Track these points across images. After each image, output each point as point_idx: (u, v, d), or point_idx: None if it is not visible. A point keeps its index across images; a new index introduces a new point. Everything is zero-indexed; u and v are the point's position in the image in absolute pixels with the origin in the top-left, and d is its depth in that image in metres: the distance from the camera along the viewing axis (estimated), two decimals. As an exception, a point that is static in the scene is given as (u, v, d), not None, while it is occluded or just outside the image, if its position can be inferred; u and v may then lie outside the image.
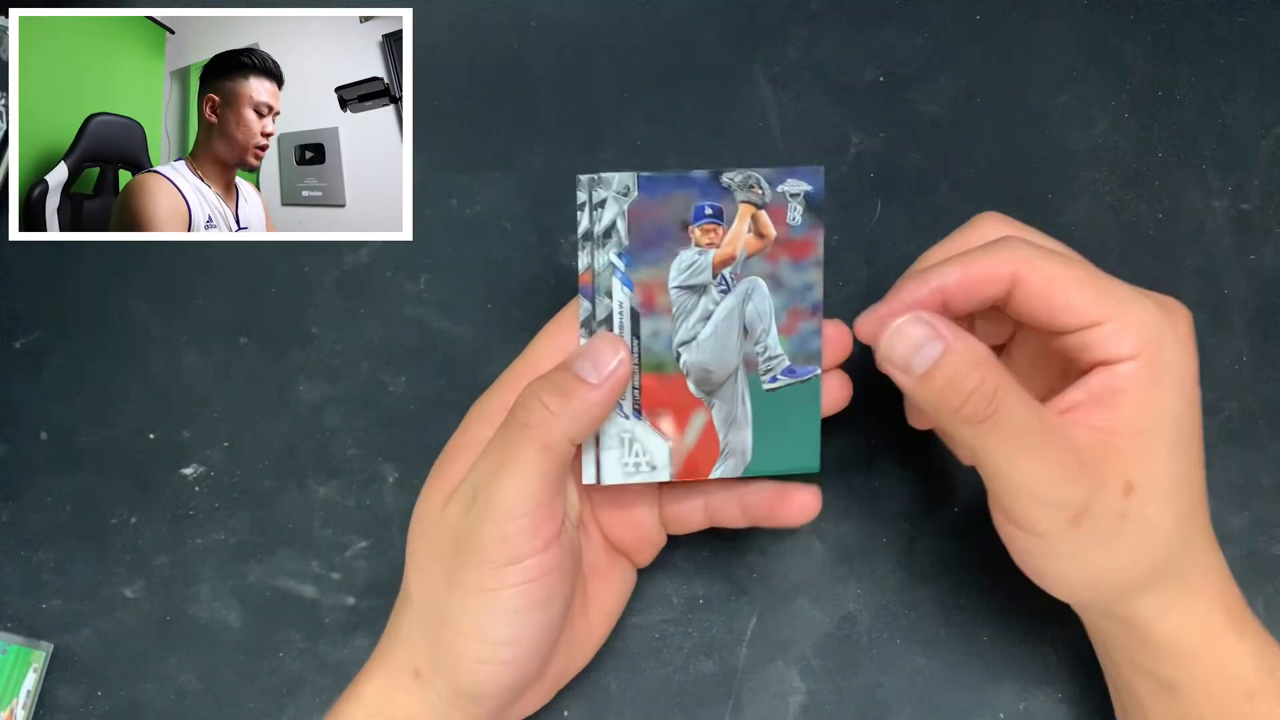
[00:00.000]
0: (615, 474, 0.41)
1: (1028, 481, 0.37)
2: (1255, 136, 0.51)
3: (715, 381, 0.41)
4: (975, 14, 0.52)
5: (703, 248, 0.40)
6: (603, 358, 0.39)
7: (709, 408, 0.41)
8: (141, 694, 0.48)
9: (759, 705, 0.48)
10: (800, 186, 0.39)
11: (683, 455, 0.41)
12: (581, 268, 0.40)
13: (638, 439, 0.41)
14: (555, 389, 0.38)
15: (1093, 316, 0.38)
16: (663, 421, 0.41)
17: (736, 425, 0.41)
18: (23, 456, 0.49)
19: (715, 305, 0.40)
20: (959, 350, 0.37)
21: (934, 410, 0.38)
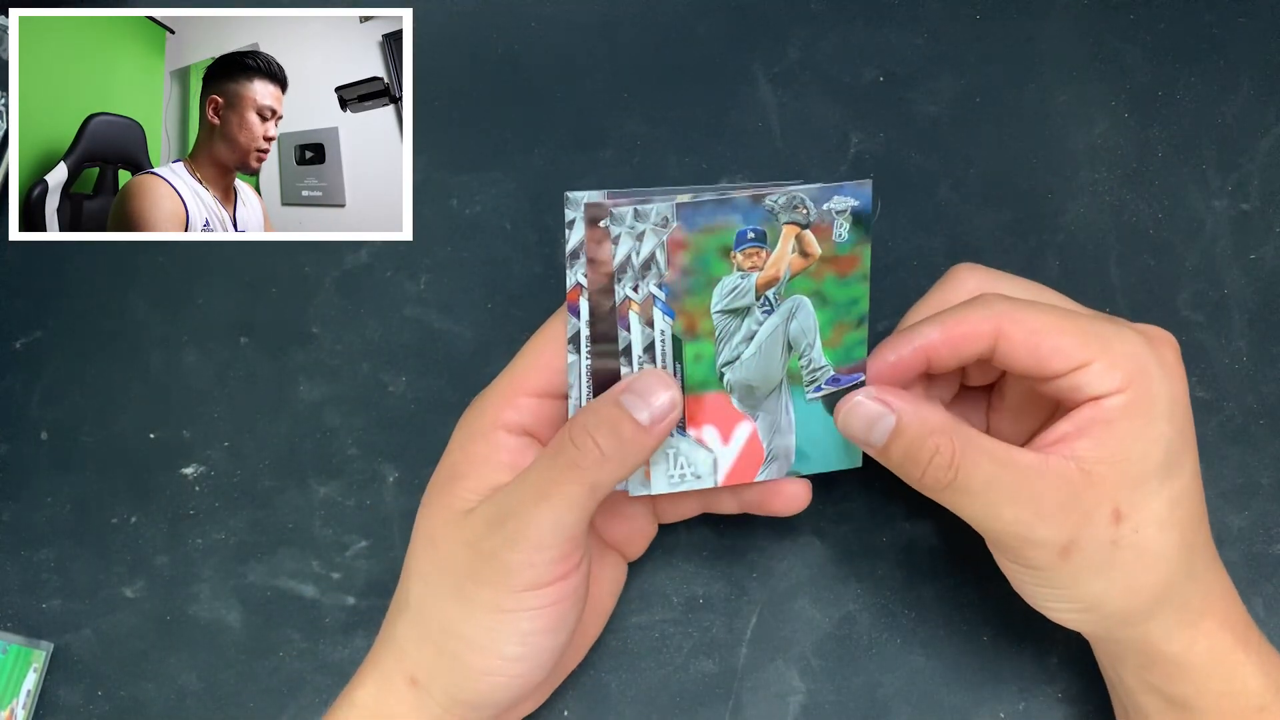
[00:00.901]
0: (662, 485, 0.41)
1: (1008, 528, 0.38)
2: (1255, 136, 0.51)
3: (759, 397, 0.41)
4: (975, 14, 0.52)
5: (745, 271, 0.39)
6: (657, 400, 0.38)
7: (753, 420, 0.41)
8: (141, 694, 0.48)
9: (759, 705, 0.48)
10: (847, 203, 0.39)
11: (728, 464, 0.41)
12: (569, 285, 0.40)
13: (682, 453, 0.41)
14: (610, 430, 0.38)
15: (1079, 359, 0.38)
16: (706, 434, 0.41)
17: (781, 432, 0.41)
18: (23, 456, 0.49)
19: (759, 325, 0.40)
20: (911, 423, 0.38)
21: (901, 475, 0.39)
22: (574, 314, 0.40)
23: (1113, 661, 0.42)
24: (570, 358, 0.40)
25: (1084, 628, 0.41)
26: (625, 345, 0.40)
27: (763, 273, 0.39)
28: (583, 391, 0.40)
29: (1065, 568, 0.38)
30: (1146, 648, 0.40)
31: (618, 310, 0.39)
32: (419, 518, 0.42)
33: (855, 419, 0.39)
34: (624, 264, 0.39)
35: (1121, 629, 0.40)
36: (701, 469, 0.41)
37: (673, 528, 0.48)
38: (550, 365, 0.41)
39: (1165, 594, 0.39)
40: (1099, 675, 0.45)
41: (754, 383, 0.40)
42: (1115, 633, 0.40)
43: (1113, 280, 0.49)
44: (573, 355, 0.40)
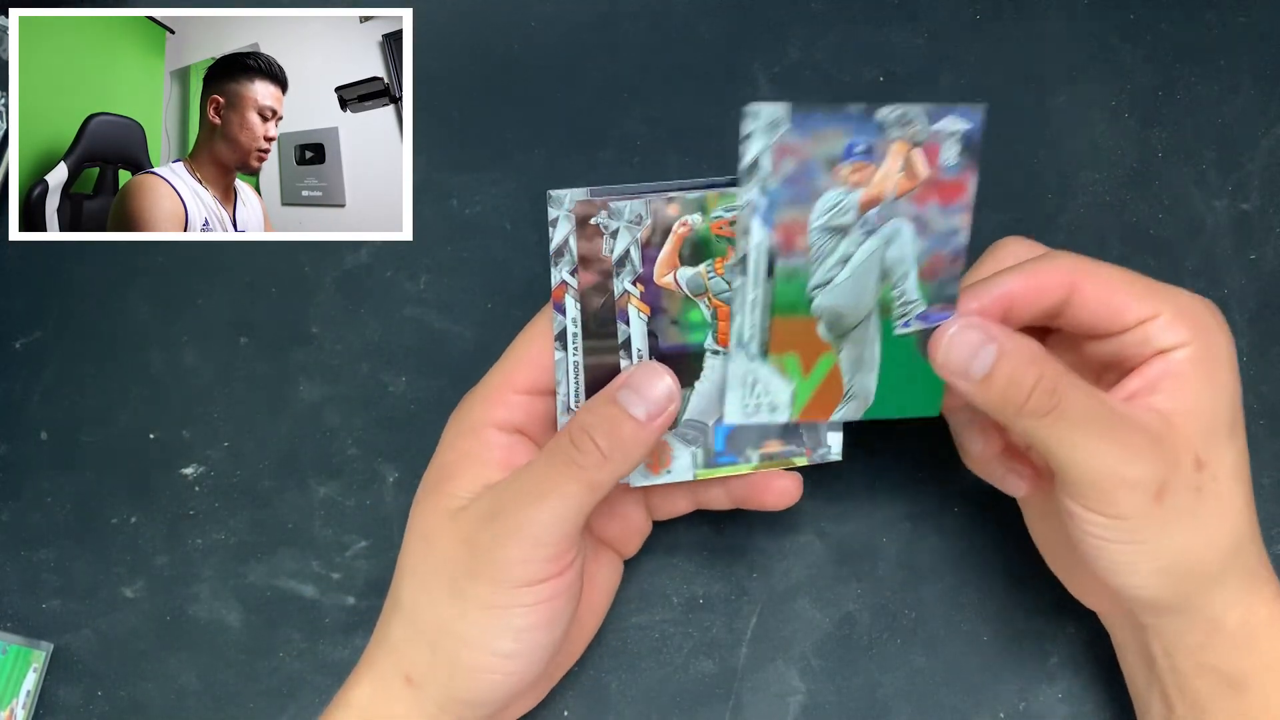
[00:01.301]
0: (736, 415, 0.40)
1: (1105, 463, 0.37)
2: (1255, 136, 0.51)
3: (847, 325, 0.39)
4: (975, 14, 0.52)
5: (850, 187, 0.37)
6: (654, 393, 0.39)
7: (837, 351, 0.39)
8: (141, 694, 0.48)
9: (759, 705, 0.48)
10: (959, 125, 0.37)
11: (806, 397, 0.40)
12: (554, 283, 0.40)
13: (761, 380, 0.39)
14: (609, 429, 0.38)
15: (1148, 311, 0.39)
16: (788, 363, 0.39)
17: (864, 369, 0.40)
18: (23, 456, 0.49)
19: (856, 248, 0.38)
20: (1015, 349, 0.37)
21: (999, 411, 0.38)
22: (560, 311, 0.40)
23: (1167, 645, 0.41)
24: (557, 354, 0.40)
25: (1155, 594, 0.40)
26: (625, 339, 0.40)
27: (867, 190, 0.37)
28: (571, 387, 0.41)
29: (1156, 514, 0.38)
30: (1210, 619, 0.39)
31: (616, 304, 0.40)
32: (412, 516, 0.42)
33: (957, 349, 0.38)
34: (623, 258, 0.39)
35: (1192, 594, 0.39)
36: (779, 400, 0.39)
37: (673, 527, 0.48)
38: (538, 362, 0.41)
39: (1236, 551, 0.39)
40: (1099, 675, 0.46)
41: (844, 310, 0.39)
42: (1186, 600, 0.39)
43: (1113, 280, 0.49)
44: (559, 352, 0.40)
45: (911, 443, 0.49)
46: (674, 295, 0.40)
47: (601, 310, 0.40)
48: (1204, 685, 0.40)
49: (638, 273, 0.40)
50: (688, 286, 0.40)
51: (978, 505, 0.48)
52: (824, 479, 0.48)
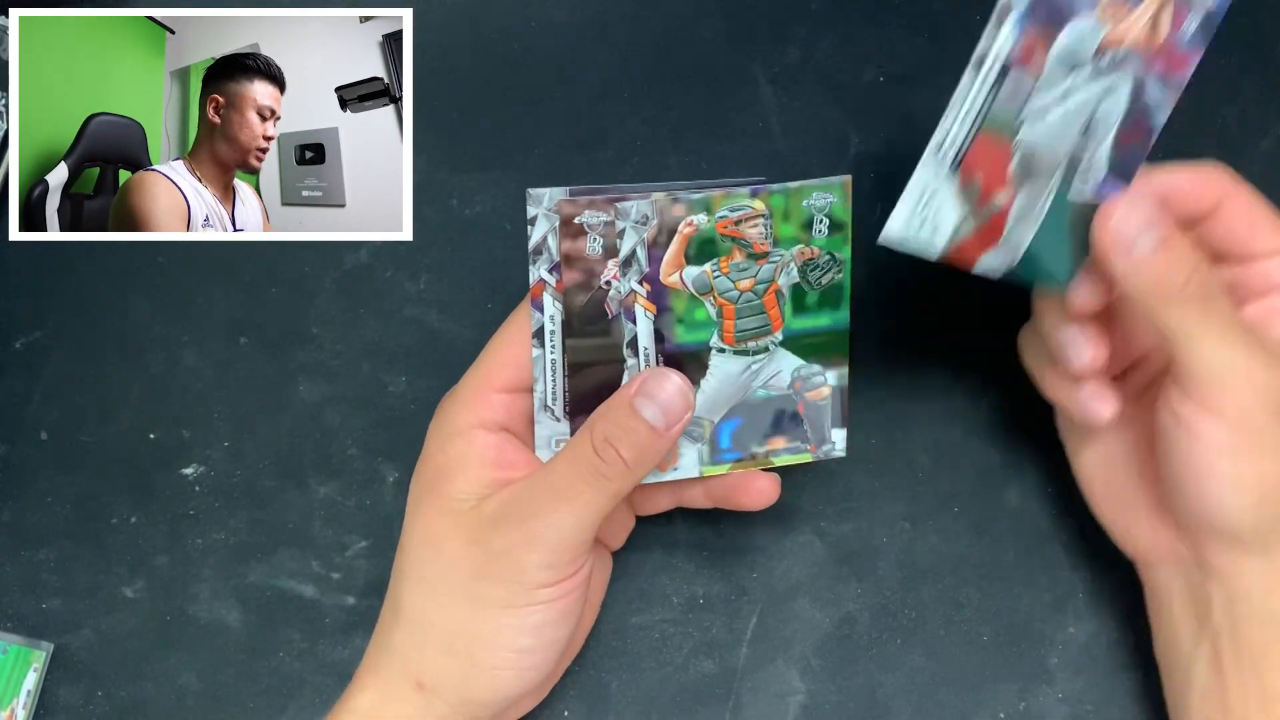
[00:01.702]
0: (900, 227, 0.38)
1: (1239, 360, 0.38)
2: (1255, 136, 0.51)
3: (1037, 168, 0.38)
4: (975, 14, 0.52)
5: (1102, 20, 0.37)
6: (671, 402, 0.39)
7: (1015, 192, 0.39)
8: (141, 694, 0.48)
9: (759, 705, 0.48)
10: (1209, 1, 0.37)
11: (966, 232, 0.39)
12: (532, 280, 0.40)
13: (937, 195, 0.38)
14: (631, 440, 0.39)
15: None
16: (971, 187, 0.38)
17: (1027, 220, 0.39)
18: (23, 456, 0.49)
19: (1080, 87, 0.38)
20: (1180, 233, 0.38)
21: (1150, 291, 0.38)
22: (538, 309, 0.41)
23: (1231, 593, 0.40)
24: (535, 352, 0.41)
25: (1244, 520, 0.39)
26: (631, 338, 0.40)
27: (1115, 30, 0.37)
28: (548, 385, 0.41)
29: (1274, 427, 0.38)
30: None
31: (624, 303, 0.40)
32: (409, 521, 0.42)
33: (1133, 219, 0.37)
34: (629, 258, 0.40)
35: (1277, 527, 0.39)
36: (944, 222, 0.39)
37: (672, 528, 0.48)
38: (518, 361, 0.41)
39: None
40: (1099, 675, 0.46)
41: (1042, 150, 0.38)
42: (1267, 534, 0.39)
43: (1113, 280, 0.49)
44: (537, 349, 0.41)
45: (912, 442, 0.49)
46: (680, 294, 0.40)
47: (586, 308, 0.40)
48: (1264, 633, 0.39)
49: (644, 272, 0.40)
50: (693, 285, 0.40)
51: (978, 505, 0.49)
52: (824, 479, 0.48)
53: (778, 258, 0.41)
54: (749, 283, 0.41)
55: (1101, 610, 0.48)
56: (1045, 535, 0.48)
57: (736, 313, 0.41)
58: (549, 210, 0.40)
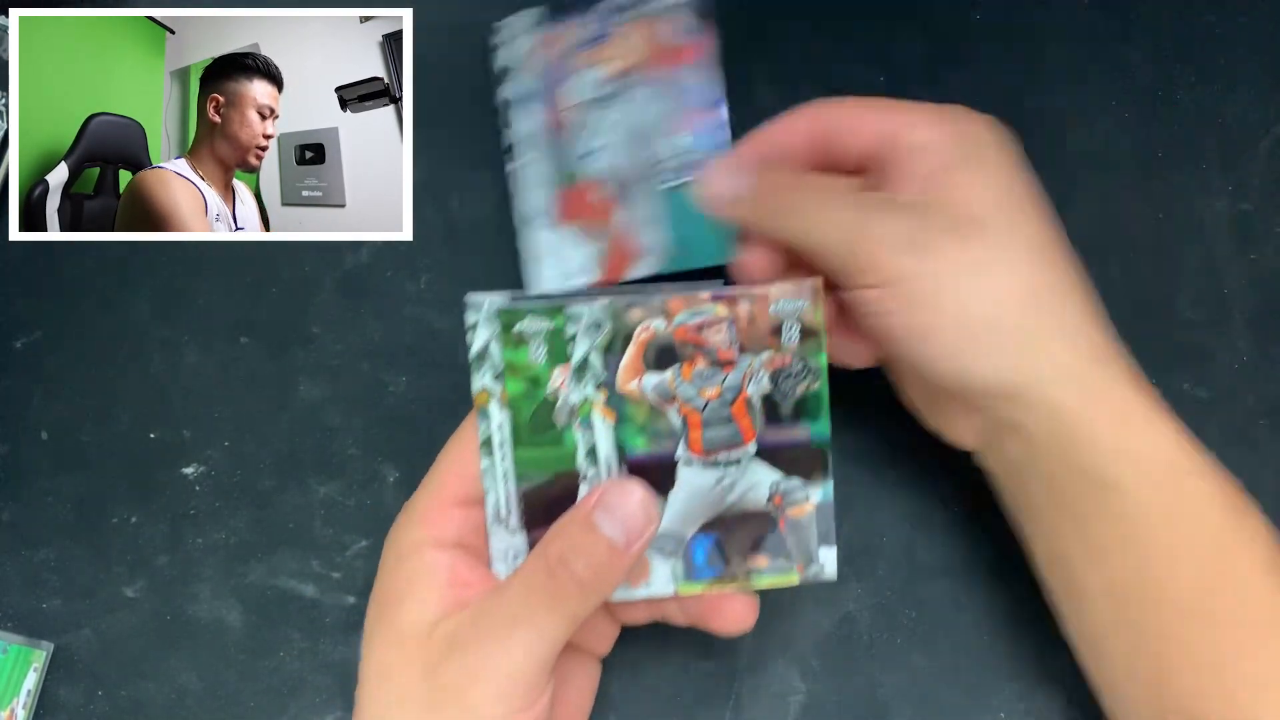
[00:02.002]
0: (552, 282, 0.43)
1: (855, 227, 0.38)
2: (1255, 136, 0.51)
3: (624, 184, 0.43)
4: (975, 14, 0.52)
5: (598, 64, 0.43)
6: (632, 517, 0.37)
7: (624, 209, 0.43)
8: (141, 694, 0.48)
9: (759, 705, 0.48)
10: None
11: (605, 256, 0.43)
12: (475, 389, 0.39)
13: (562, 248, 0.43)
14: (588, 559, 0.36)
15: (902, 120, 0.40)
16: (579, 227, 0.43)
17: (651, 224, 0.43)
18: (23, 456, 0.49)
19: (616, 114, 0.42)
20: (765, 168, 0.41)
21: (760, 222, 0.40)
22: (483, 418, 0.39)
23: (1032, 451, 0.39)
24: (484, 462, 0.39)
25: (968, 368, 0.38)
26: (590, 447, 0.38)
27: (613, 63, 0.43)
28: (500, 495, 0.39)
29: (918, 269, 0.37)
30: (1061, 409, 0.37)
31: (574, 414, 0.38)
32: (365, 647, 0.40)
33: (715, 179, 0.41)
34: (582, 364, 0.38)
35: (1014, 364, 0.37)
36: (582, 263, 0.43)
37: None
38: (469, 473, 0.39)
39: (1032, 306, 0.38)
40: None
41: (618, 169, 0.43)
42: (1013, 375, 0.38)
43: (1113, 280, 0.49)
44: (486, 459, 0.39)
45: (911, 442, 0.49)
46: (639, 402, 0.38)
47: (533, 419, 0.38)
48: (1076, 494, 0.38)
49: (600, 378, 0.38)
50: (654, 394, 0.38)
51: (978, 505, 0.48)
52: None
53: (745, 365, 0.38)
54: (715, 390, 0.38)
55: (1101, 610, 0.48)
56: (1045, 535, 0.48)
57: (703, 422, 0.39)
58: (490, 317, 0.38)
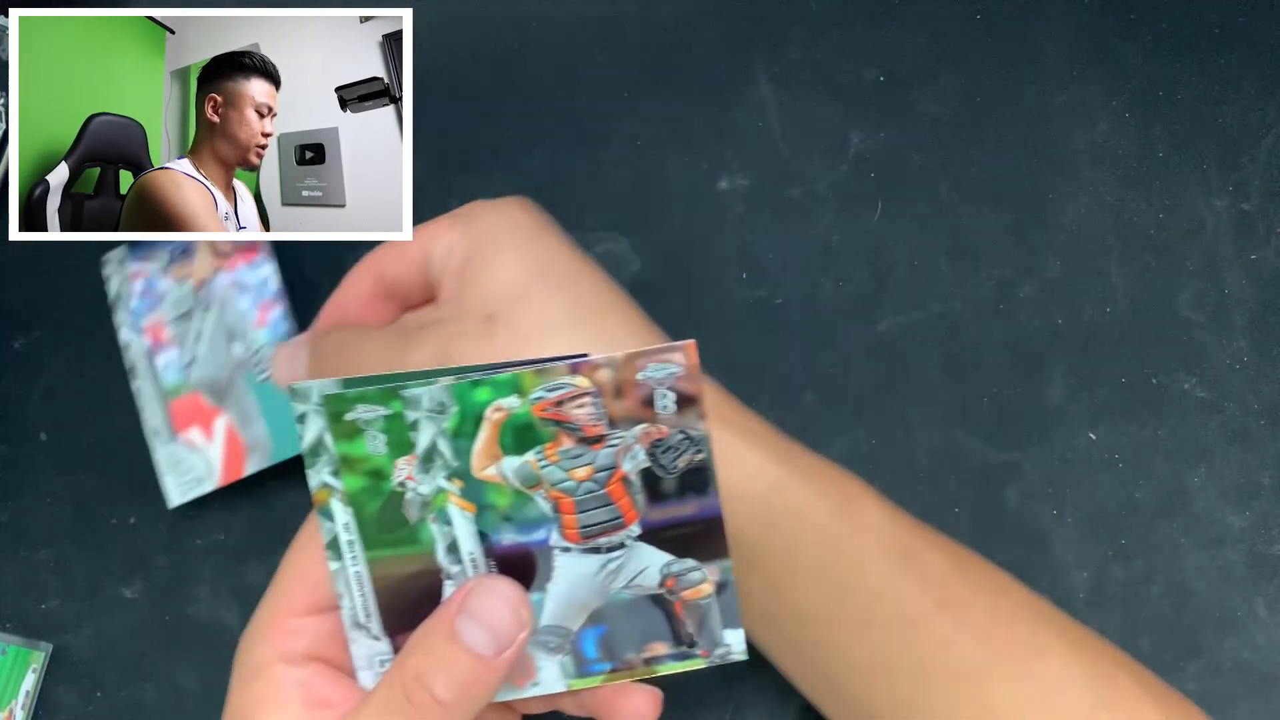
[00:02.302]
0: (178, 495, 0.47)
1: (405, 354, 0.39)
2: (1255, 136, 0.51)
3: (222, 388, 0.47)
4: (975, 14, 0.52)
5: (181, 280, 0.47)
6: (500, 622, 0.33)
7: (225, 413, 0.47)
8: (141, 694, 0.48)
9: (759, 706, 0.47)
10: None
11: (219, 462, 0.46)
12: (313, 487, 0.35)
13: (182, 460, 0.46)
14: (449, 675, 0.32)
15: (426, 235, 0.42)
16: (194, 435, 0.47)
17: (251, 421, 0.46)
18: (23, 456, 0.49)
19: (203, 323, 0.47)
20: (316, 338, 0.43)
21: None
22: (326, 517, 0.35)
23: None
24: (333, 565, 0.35)
25: None
26: (450, 542, 0.35)
27: (192, 276, 0.47)
28: (358, 599, 0.36)
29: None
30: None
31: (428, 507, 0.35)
32: None
33: (279, 361, 0.43)
34: (429, 451, 0.34)
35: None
36: (202, 471, 0.46)
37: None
38: (315, 579, 0.36)
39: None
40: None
41: (214, 375, 0.46)
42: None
43: (1113, 280, 0.49)
44: (335, 562, 0.35)
45: (912, 443, 0.49)
46: (500, 488, 0.35)
47: (381, 514, 0.35)
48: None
49: (452, 468, 0.34)
50: (516, 478, 0.35)
51: (978, 505, 0.48)
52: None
53: (618, 440, 0.34)
54: (586, 471, 0.35)
55: (1102, 610, 0.47)
56: (1045, 535, 0.48)
57: (577, 505, 0.35)
58: (319, 406, 0.34)
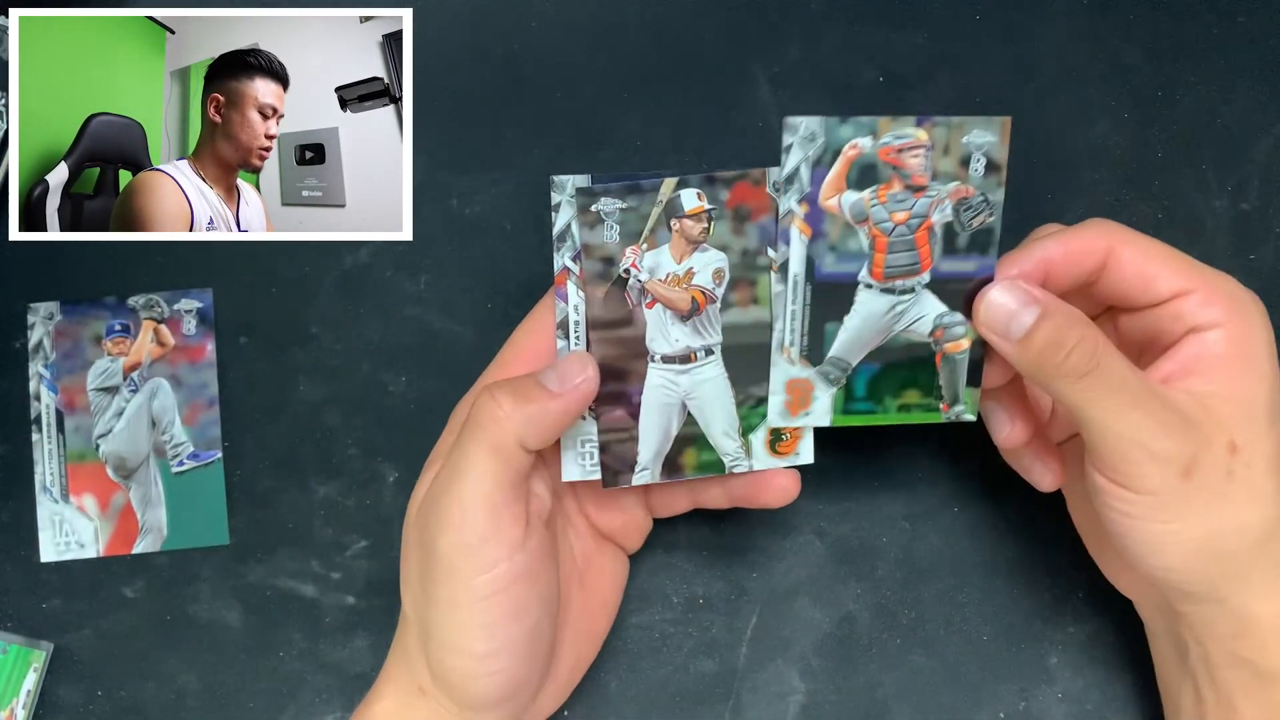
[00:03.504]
0: (53, 553, 0.48)
1: (1135, 433, 0.37)
2: (1255, 136, 0.51)
3: (130, 467, 0.48)
4: (975, 14, 0.52)
5: (114, 356, 0.48)
6: (569, 371, 0.39)
7: (127, 490, 0.48)
8: (141, 694, 0.48)
9: (759, 705, 0.48)
10: (192, 304, 0.48)
11: (106, 534, 0.48)
12: (557, 268, 0.40)
13: (68, 520, 0.48)
14: (511, 391, 0.38)
15: (1182, 286, 0.39)
16: (87, 502, 0.48)
17: (152, 505, 0.48)
18: (23, 456, 0.49)
19: (127, 403, 0.48)
20: (1057, 310, 0.38)
21: (1036, 372, 0.38)
22: (561, 298, 0.40)
23: (1199, 634, 0.40)
24: (560, 343, 0.40)
25: (1186, 578, 0.39)
26: (783, 260, 0.40)
27: (128, 357, 0.48)
28: None
29: (1182, 492, 0.37)
30: (1242, 610, 0.39)
31: (780, 225, 0.40)
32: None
33: (997, 309, 0.39)
34: (792, 175, 0.39)
35: (1223, 581, 0.39)
36: (85, 537, 0.48)
37: (672, 527, 0.48)
38: (537, 352, 0.41)
39: (1268, 540, 0.38)
40: (1099, 675, 0.46)
41: (125, 454, 0.48)
42: (1217, 587, 0.39)
43: (1113, 280, 0.49)
44: (562, 341, 0.40)
45: (911, 443, 0.49)
46: (835, 220, 0.40)
47: (606, 301, 0.40)
48: (1235, 676, 0.40)
49: (805, 192, 0.39)
50: (850, 212, 0.40)
51: (978, 505, 0.49)
52: (824, 479, 0.48)
53: (934, 193, 0.40)
54: (904, 215, 0.40)
55: (1101, 610, 0.47)
56: (1045, 535, 0.48)
57: (889, 246, 0.40)
58: (571, 197, 0.39)
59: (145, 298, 0.49)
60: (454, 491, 0.38)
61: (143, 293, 0.49)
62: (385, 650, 0.47)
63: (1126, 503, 0.38)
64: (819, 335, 0.41)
